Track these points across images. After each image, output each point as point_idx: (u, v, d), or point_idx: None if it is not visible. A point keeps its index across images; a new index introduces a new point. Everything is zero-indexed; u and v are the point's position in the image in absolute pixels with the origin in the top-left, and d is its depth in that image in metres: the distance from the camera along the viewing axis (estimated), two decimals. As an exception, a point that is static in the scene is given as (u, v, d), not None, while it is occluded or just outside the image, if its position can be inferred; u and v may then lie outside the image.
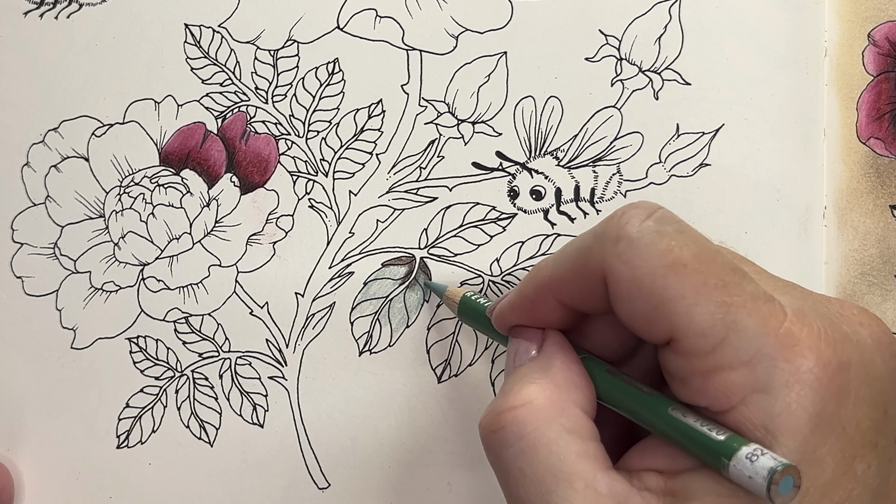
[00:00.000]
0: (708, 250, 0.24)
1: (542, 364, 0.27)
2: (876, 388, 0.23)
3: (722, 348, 0.23)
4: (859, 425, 0.23)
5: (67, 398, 0.38)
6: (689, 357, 0.23)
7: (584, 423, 0.25)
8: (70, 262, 0.38)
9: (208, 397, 0.38)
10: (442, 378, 0.38)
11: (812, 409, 0.22)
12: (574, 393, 0.26)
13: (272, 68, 0.38)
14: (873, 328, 0.25)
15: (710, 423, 0.23)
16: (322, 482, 0.38)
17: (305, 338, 0.38)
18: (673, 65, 0.37)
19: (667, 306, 0.23)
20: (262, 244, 0.38)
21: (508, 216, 0.38)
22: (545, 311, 0.28)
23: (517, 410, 0.25)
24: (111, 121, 0.38)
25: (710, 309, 0.23)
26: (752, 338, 0.22)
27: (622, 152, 0.37)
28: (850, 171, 0.38)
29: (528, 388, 0.26)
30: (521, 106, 0.37)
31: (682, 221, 0.25)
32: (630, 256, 0.24)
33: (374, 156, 0.38)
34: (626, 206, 0.25)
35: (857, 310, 0.25)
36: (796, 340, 0.23)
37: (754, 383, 0.22)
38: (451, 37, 0.37)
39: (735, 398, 0.23)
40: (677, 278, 0.23)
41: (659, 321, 0.23)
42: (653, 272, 0.23)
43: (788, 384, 0.22)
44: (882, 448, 0.23)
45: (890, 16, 0.37)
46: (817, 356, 0.22)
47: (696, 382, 0.23)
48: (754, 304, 0.23)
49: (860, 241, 0.38)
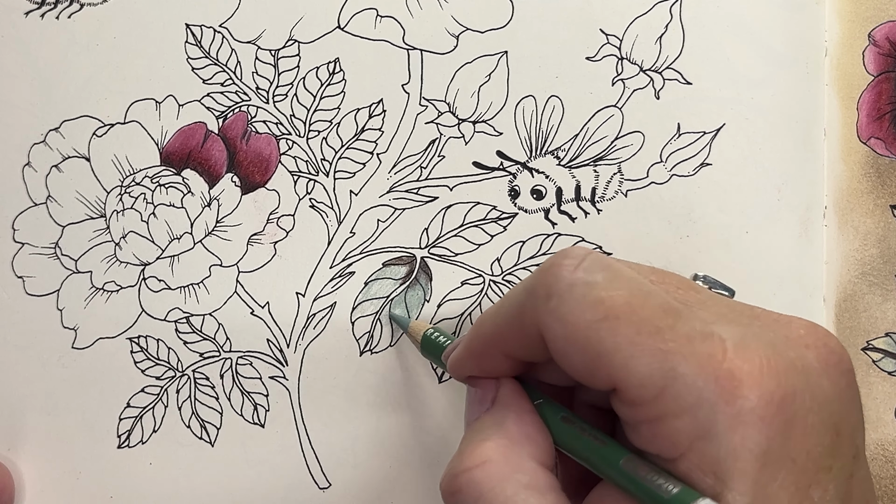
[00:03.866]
0: (639, 295, 0.24)
1: (495, 418, 0.27)
2: (825, 412, 0.23)
3: (663, 397, 0.22)
4: (810, 453, 0.22)
5: (68, 398, 0.38)
6: (633, 406, 0.23)
7: (540, 476, 0.25)
8: (71, 262, 0.38)
9: (209, 397, 0.38)
10: (442, 378, 0.38)
11: (757, 449, 0.22)
12: (529, 446, 0.26)
13: (273, 68, 0.38)
14: (820, 350, 0.24)
15: (662, 476, 0.23)
16: (323, 482, 0.38)
17: (306, 338, 0.38)
18: (674, 64, 0.37)
19: (604, 360, 0.23)
20: (263, 244, 0.38)
21: (509, 216, 0.38)
22: (494, 363, 0.28)
23: (472, 472, 0.25)
24: (112, 121, 0.38)
25: (646, 360, 0.23)
26: (692, 384, 0.22)
27: (623, 152, 0.37)
28: (850, 170, 0.38)
29: (482, 446, 0.26)
30: (522, 105, 0.37)
31: (612, 265, 0.25)
32: (562, 313, 0.24)
33: (374, 155, 0.38)
34: (556, 256, 0.25)
35: (805, 329, 0.25)
36: (737, 380, 0.22)
37: (698, 430, 0.22)
38: (452, 36, 0.37)
39: (682, 446, 0.22)
40: (610, 331, 0.23)
41: (599, 374, 0.23)
42: (586, 327, 0.23)
43: (732, 427, 0.22)
44: (838, 469, 0.23)
45: (890, 16, 0.37)
46: (759, 394, 0.22)
47: (643, 430, 0.23)
48: (691, 347, 0.23)
49: (861, 240, 0.38)
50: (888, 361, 0.37)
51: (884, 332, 0.38)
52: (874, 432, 0.37)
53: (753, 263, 0.37)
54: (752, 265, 0.37)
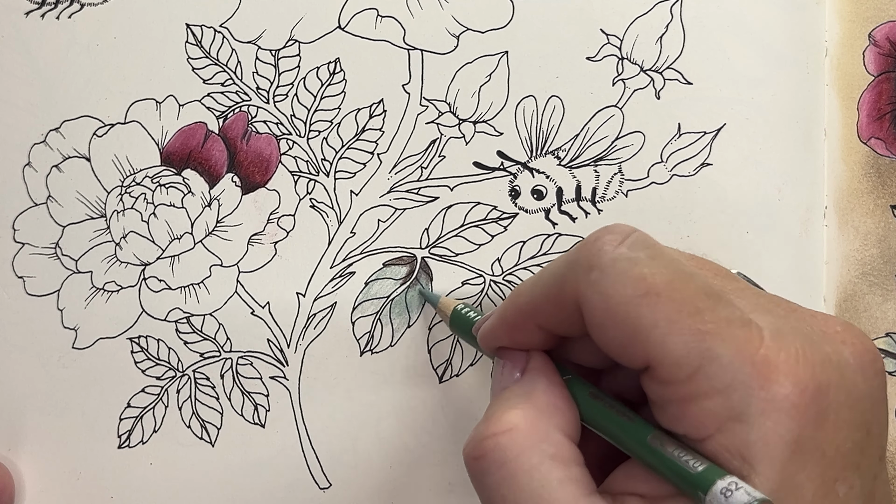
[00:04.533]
0: (682, 276, 0.24)
1: (524, 388, 0.27)
2: (857, 409, 0.23)
3: (697, 377, 0.22)
4: (840, 448, 0.23)
5: (69, 398, 0.38)
6: (666, 385, 0.23)
7: (566, 448, 0.25)
8: (71, 262, 0.38)
9: (210, 397, 0.38)
10: (443, 378, 0.38)
11: (788, 436, 0.22)
12: (556, 417, 0.26)
13: (273, 68, 0.38)
14: (856, 347, 0.24)
15: (689, 453, 0.23)
16: (323, 482, 0.38)
17: (307, 338, 0.38)
18: (674, 64, 0.37)
19: (641, 336, 0.23)
20: (264, 244, 0.38)
21: (510, 216, 0.38)
22: (526, 335, 0.28)
23: (499, 437, 0.25)
24: (112, 121, 0.38)
25: (684, 338, 0.23)
26: (727, 366, 0.22)
27: (623, 152, 0.37)
28: (850, 171, 0.38)
29: (509, 413, 0.25)
30: (523, 105, 0.37)
31: (656, 245, 0.25)
32: (603, 286, 0.24)
33: (375, 155, 0.38)
34: (600, 231, 0.25)
35: (842, 326, 0.25)
36: (773, 367, 0.22)
37: (730, 412, 0.22)
38: (453, 36, 0.37)
39: (711, 427, 0.22)
40: (650, 308, 0.23)
41: (634, 350, 0.23)
42: (626, 302, 0.23)
43: (764, 412, 0.22)
44: (865, 468, 0.23)
45: (891, 16, 0.37)
46: (794, 382, 0.22)
47: (673, 410, 0.23)
48: (729, 331, 0.23)
49: (861, 241, 0.38)
50: (889, 361, 0.37)
51: (884, 333, 0.38)
52: (874, 432, 0.37)
53: (754, 263, 0.37)
54: (753, 265, 0.37)
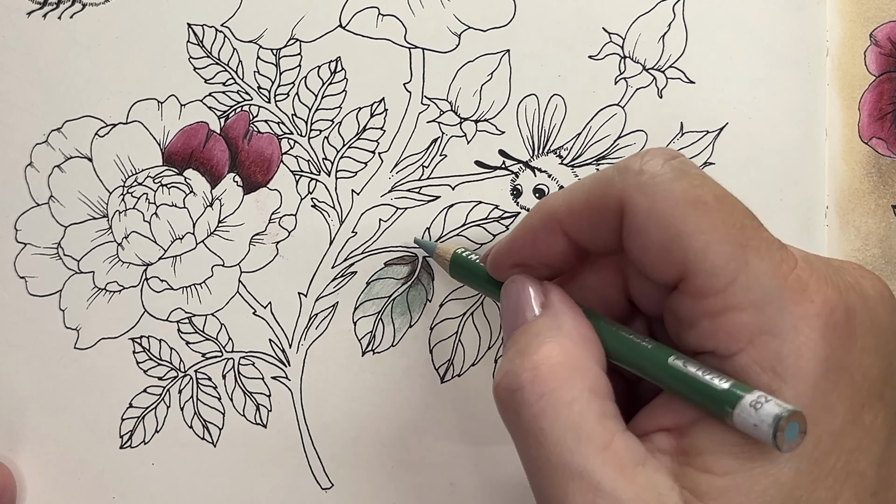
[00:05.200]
0: (729, 196, 0.24)
1: (553, 321, 0.26)
2: (882, 338, 0.23)
3: (733, 288, 0.23)
4: (867, 374, 0.23)
5: (70, 398, 0.38)
6: (699, 297, 0.23)
7: (602, 381, 0.25)
8: (73, 263, 0.38)
9: (211, 397, 0.38)
10: (445, 378, 0.38)
11: (821, 352, 0.22)
12: (591, 349, 0.25)
13: (275, 67, 0.38)
14: (875, 283, 0.25)
15: (714, 372, 0.23)
16: (325, 482, 0.38)
17: (308, 338, 0.38)
18: (677, 63, 0.37)
19: (683, 241, 0.23)
20: (265, 244, 0.38)
21: (511, 215, 0.38)
22: (547, 247, 0.27)
23: (538, 369, 0.24)
24: (114, 121, 0.38)
25: (725, 248, 0.23)
26: (763, 279, 0.22)
27: (626, 151, 0.37)
28: (851, 171, 0.38)
29: (546, 345, 0.25)
30: (524, 104, 0.37)
31: (703, 171, 0.25)
32: (652, 189, 0.24)
33: (376, 154, 0.38)
34: (650, 148, 0.25)
35: (859, 268, 0.26)
36: (805, 285, 0.23)
37: (763, 324, 0.22)
38: (454, 35, 0.37)
39: (743, 340, 0.22)
40: (697, 214, 0.23)
41: (672, 256, 0.23)
42: (673, 206, 0.23)
43: (797, 327, 0.22)
44: (889, 399, 0.23)
45: (892, 16, 0.37)
46: (825, 301, 0.23)
47: (704, 324, 0.23)
48: (769, 249, 0.23)
49: (862, 241, 0.38)
50: (891, 360, 0.37)
51: (886, 331, 0.38)
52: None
53: (756, 262, 0.37)
54: (755, 264, 0.37)
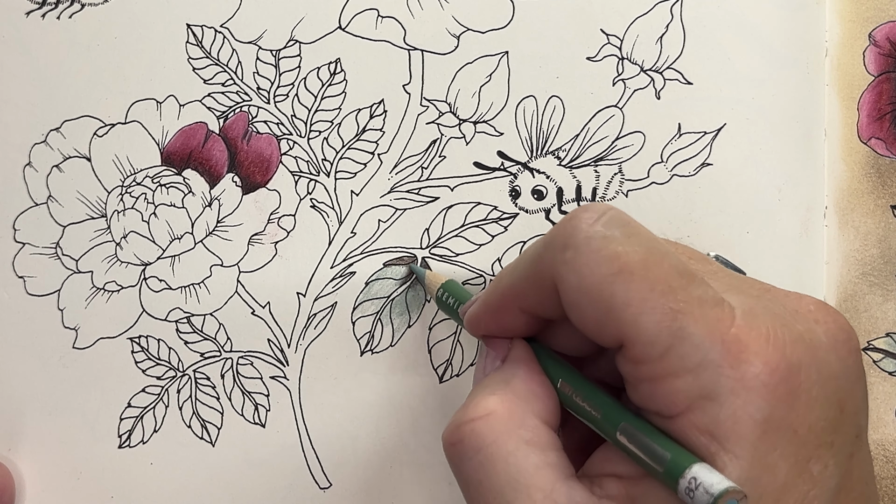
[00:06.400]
0: (656, 254, 0.24)
1: (504, 375, 0.27)
2: (830, 387, 0.23)
3: (669, 356, 0.23)
4: (812, 427, 0.23)
5: (69, 398, 0.38)
6: (638, 363, 0.23)
7: (543, 433, 0.25)
8: (72, 262, 0.38)
9: (210, 397, 0.38)
10: (443, 378, 0.38)
11: (759, 415, 0.22)
12: (534, 404, 0.26)
13: (274, 68, 0.38)
14: (829, 325, 0.25)
15: (658, 440, 0.23)
16: (323, 482, 0.38)
17: (307, 338, 0.38)
18: (675, 64, 0.37)
19: (614, 314, 0.23)
20: (264, 244, 0.38)
21: (510, 216, 0.38)
22: (510, 319, 0.28)
23: (475, 423, 0.25)
24: (113, 121, 0.38)
25: (656, 317, 0.23)
26: (699, 345, 0.22)
27: (624, 152, 0.37)
28: (850, 171, 0.38)
29: (487, 399, 0.26)
30: (523, 105, 0.37)
31: (631, 223, 0.25)
32: (577, 264, 0.24)
33: (375, 156, 0.38)
34: (576, 210, 0.25)
35: (815, 305, 0.25)
36: (743, 346, 0.22)
37: (700, 390, 0.22)
38: (453, 36, 0.37)
39: (682, 405, 0.22)
40: (624, 286, 0.23)
41: (608, 328, 0.23)
42: (600, 280, 0.23)
43: (734, 391, 0.22)
44: (840, 446, 0.23)
45: (891, 16, 0.37)
46: (764, 361, 0.22)
47: (645, 388, 0.23)
48: (701, 310, 0.23)
49: (861, 241, 0.38)
50: (889, 361, 0.37)
51: (884, 333, 0.38)
52: (874, 432, 0.37)
53: (754, 263, 0.37)
54: (753, 265, 0.37)
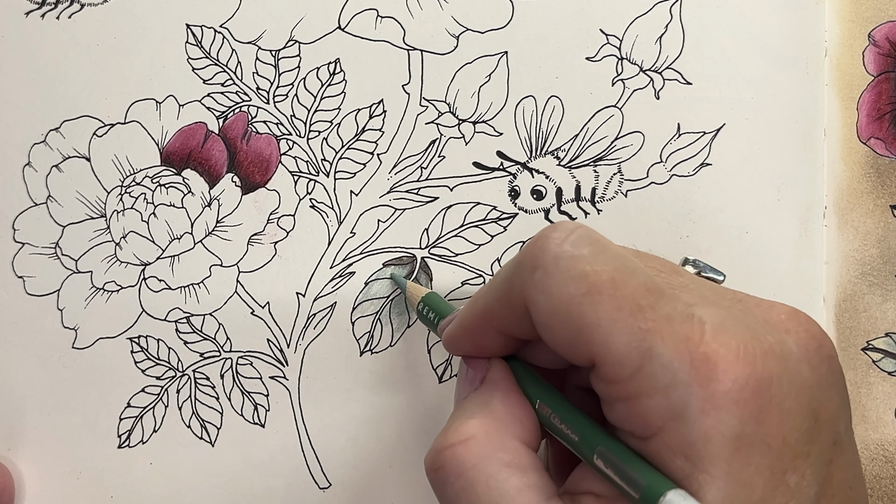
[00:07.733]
0: (623, 272, 0.24)
1: (482, 398, 0.27)
2: (803, 397, 0.23)
3: (639, 376, 0.22)
4: (786, 439, 0.22)
5: (68, 398, 0.38)
6: (610, 384, 0.23)
7: (523, 455, 0.25)
8: (71, 262, 0.38)
9: (209, 397, 0.38)
10: (443, 378, 0.38)
11: (730, 432, 0.22)
12: (513, 426, 0.26)
13: (273, 68, 0.38)
14: (800, 335, 0.24)
15: (636, 463, 0.23)
16: (323, 482, 0.38)
17: (307, 338, 0.38)
18: (674, 64, 0.37)
19: (584, 335, 0.23)
20: (264, 244, 0.38)
21: (509, 216, 0.38)
22: (487, 340, 0.28)
23: (456, 448, 0.25)
24: (112, 121, 0.38)
25: (625, 337, 0.23)
26: (667, 365, 0.22)
27: (623, 152, 0.37)
28: (850, 171, 0.38)
29: (466, 424, 0.26)
30: (522, 106, 0.37)
31: (600, 240, 0.25)
32: (546, 285, 0.24)
33: (375, 156, 0.38)
34: (544, 230, 0.25)
35: (787, 314, 0.25)
36: (712, 364, 0.22)
37: (670, 411, 0.22)
38: (452, 37, 0.37)
39: (654, 426, 0.22)
40: (593, 306, 0.23)
41: (579, 349, 0.23)
42: (569, 301, 0.23)
43: (704, 410, 0.22)
44: (816, 455, 0.23)
45: (890, 16, 0.37)
46: (734, 377, 0.22)
47: (619, 408, 0.23)
48: (670, 328, 0.23)
49: (860, 241, 0.38)
50: (888, 361, 0.37)
51: (884, 332, 0.38)
52: (874, 432, 0.37)
53: (753, 263, 0.37)
54: (752, 265, 0.37)
